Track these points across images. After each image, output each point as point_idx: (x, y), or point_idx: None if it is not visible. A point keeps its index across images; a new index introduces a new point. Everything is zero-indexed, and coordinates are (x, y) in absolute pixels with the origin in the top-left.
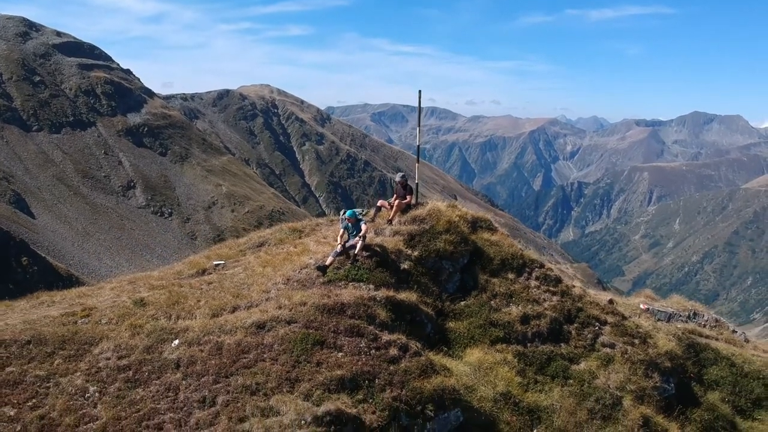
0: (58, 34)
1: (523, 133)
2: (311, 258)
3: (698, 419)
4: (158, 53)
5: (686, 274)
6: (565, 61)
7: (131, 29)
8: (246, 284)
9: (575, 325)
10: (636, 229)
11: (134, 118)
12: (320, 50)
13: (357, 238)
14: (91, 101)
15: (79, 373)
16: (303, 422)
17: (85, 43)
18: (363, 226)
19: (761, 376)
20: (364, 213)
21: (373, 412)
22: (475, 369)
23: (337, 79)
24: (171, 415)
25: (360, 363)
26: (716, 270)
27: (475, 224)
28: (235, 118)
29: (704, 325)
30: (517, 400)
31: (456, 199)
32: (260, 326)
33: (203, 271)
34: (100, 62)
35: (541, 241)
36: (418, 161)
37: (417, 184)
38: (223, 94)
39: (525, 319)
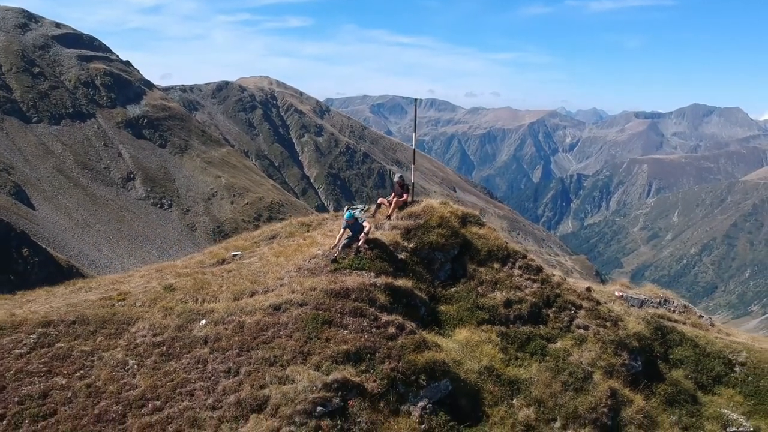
0: (58, 25)
1: (522, 125)
2: (319, 249)
3: (662, 393)
4: (157, 44)
5: (685, 267)
6: (564, 52)
7: (130, 20)
8: (262, 272)
9: (553, 309)
10: (635, 221)
11: (134, 110)
12: (319, 42)
13: (361, 234)
14: (91, 93)
15: (119, 349)
16: (314, 388)
17: (84, 34)
18: (365, 224)
19: (722, 356)
20: (365, 209)
21: (374, 381)
22: (463, 346)
23: (336, 70)
24: (201, 383)
25: (363, 339)
26: (714, 262)
27: (465, 219)
28: (234, 109)
29: (674, 311)
30: (499, 373)
31: (455, 191)
32: (276, 308)
33: (222, 261)
34: (99, 54)
35: (539, 233)
36: (414, 163)
37: (413, 183)
38: (222, 86)
39: (508, 304)
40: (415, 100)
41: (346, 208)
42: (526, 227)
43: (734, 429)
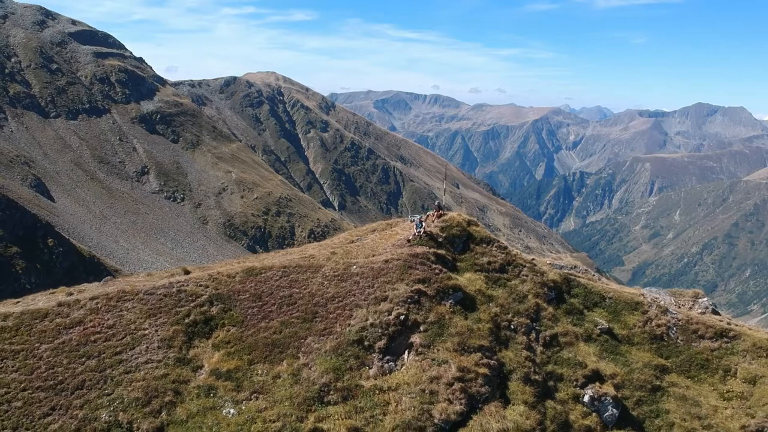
0: (74, 22)
1: (526, 121)
2: (401, 236)
3: (564, 308)
4: (162, 37)
5: (685, 265)
6: (569, 49)
7: (134, 12)
8: (375, 246)
9: (511, 266)
10: (636, 219)
11: (147, 106)
12: (323, 35)
13: (421, 228)
14: (106, 89)
15: (318, 277)
16: (406, 291)
17: (99, 31)
18: (424, 224)
19: (599, 294)
20: (422, 217)
21: (430, 290)
22: (468, 280)
23: (340, 65)
24: (357, 291)
25: (425, 273)
26: (715, 261)
27: (469, 222)
28: (242, 104)
29: (580, 272)
30: (484, 292)
31: (458, 187)
32: (387, 261)
33: (352, 242)
34: (114, 50)
35: (541, 230)
36: (444, 193)
37: (444, 205)
38: (230, 81)
39: (489, 263)
40: (445, 169)
41: (411, 215)
42: (528, 224)
43: (599, 327)
